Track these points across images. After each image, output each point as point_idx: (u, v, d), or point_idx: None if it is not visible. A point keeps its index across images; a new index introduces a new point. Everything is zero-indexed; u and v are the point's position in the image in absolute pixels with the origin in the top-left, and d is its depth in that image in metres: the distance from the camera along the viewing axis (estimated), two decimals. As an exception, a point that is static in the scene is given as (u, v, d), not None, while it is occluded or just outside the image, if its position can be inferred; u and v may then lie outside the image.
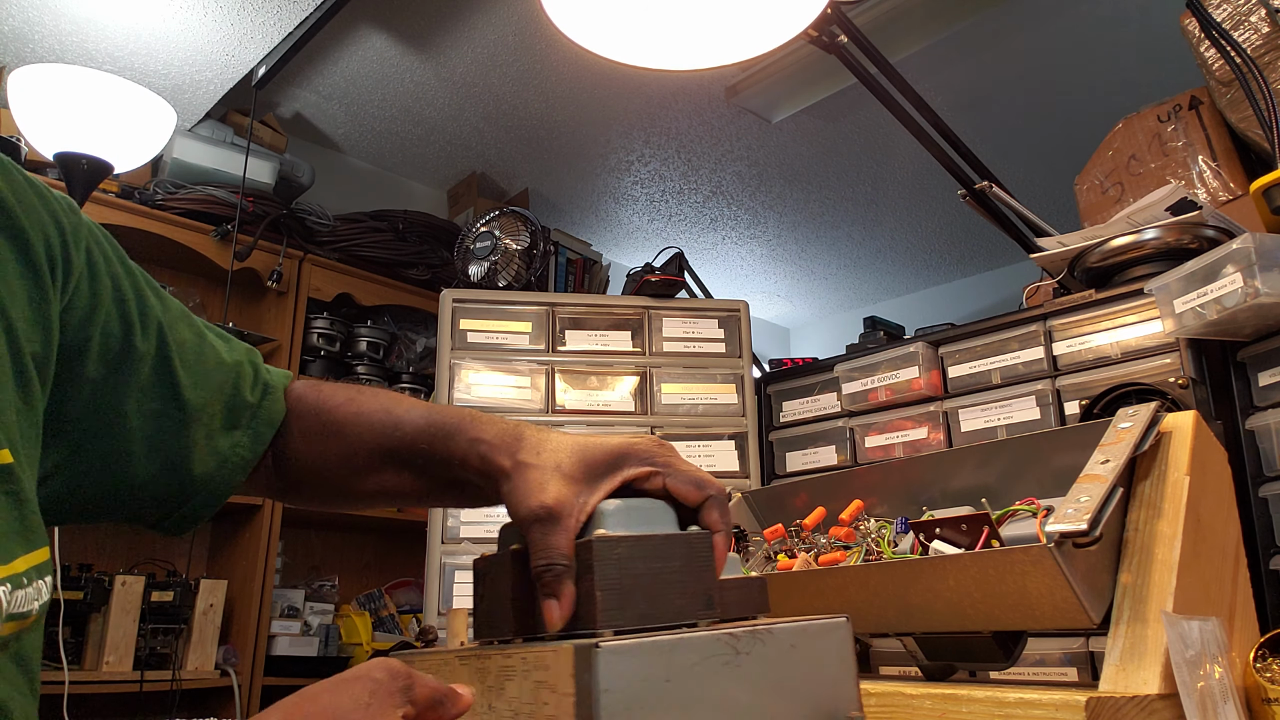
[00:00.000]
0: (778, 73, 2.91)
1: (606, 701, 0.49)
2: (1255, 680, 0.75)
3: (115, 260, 0.71)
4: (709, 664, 0.53)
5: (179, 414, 0.72)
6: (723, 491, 0.65)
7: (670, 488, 0.64)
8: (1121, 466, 0.77)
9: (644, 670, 0.51)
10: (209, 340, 0.77)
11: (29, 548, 0.57)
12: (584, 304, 2.36)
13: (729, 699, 0.53)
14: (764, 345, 4.99)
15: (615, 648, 0.51)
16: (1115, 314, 1.64)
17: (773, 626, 0.56)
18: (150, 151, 2.22)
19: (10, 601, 0.54)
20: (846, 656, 0.58)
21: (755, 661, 0.55)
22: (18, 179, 0.65)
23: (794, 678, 0.56)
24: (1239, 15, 1.66)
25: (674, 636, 0.53)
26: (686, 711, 0.52)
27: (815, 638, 0.57)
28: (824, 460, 2.05)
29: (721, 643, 0.54)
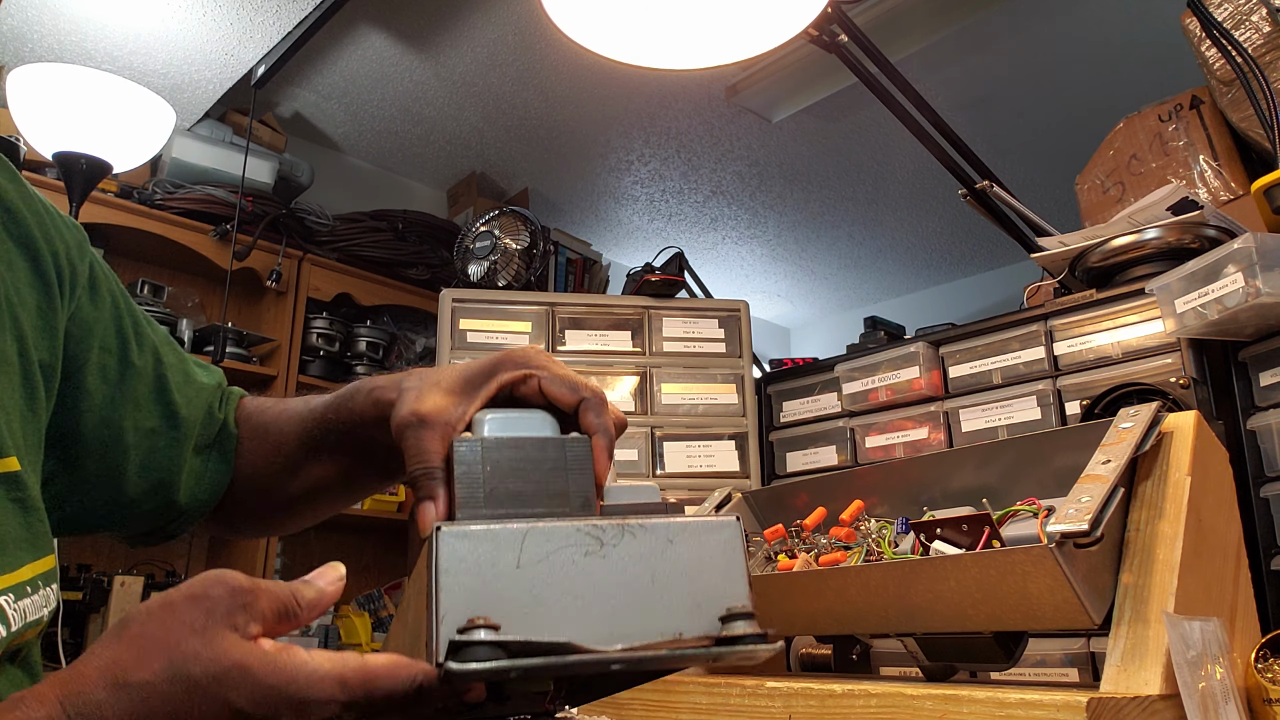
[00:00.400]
0: (778, 72, 2.90)
1: (445, 583, 0.48)
2: (1256, 681, 0.75)
3: (114, 279, 0.73)
4: (567, 554, 0.50)
5: (173, 432, 0.73)
6: (598, 394, 0.63)
7: (545, 389, 0.62)
8: (1122, 467, 0.77)
9: (489, 555, 0.49)
10: (190, 363, 0.78)
11: (36, 555, 0.57)
12: (584, 304, 2.36)
13: (590, 590, 0.50)
14: (764, 345, 4.98)
15: (456, 530, 0.49)
16: (1116, 314, 1.63)
17: (646, 521, 0.53)
18: (149, 151, 2.22)
19: (16, 612, 0.54)
20: (734, 556, 0.54)
21: (623, 555, 0.51)
22: (28, 191, 0.66)
23: (670, 574, 0.52)
24: (1240, 15, 1.66)
25: (527, 524, 0.51)
26: (538, 600, 0.49)
27: (697, 535, 0.53)
28: (824, 460, 2.05)
29: (583, 533, 0.51)
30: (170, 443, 0.72)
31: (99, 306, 0.70)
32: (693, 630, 0.51)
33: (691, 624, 0.51)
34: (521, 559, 0.50)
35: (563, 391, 0.62)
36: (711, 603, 0.52)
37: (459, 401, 0.62)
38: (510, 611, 0.48)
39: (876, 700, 0.76)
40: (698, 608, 0.51)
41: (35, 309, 0.63)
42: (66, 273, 0.67)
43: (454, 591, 0.48)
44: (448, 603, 0.48)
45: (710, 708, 0.90)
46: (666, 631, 0.50)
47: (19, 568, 0.55)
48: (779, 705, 0.83)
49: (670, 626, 0.51)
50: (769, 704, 0.84)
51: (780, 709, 0.83)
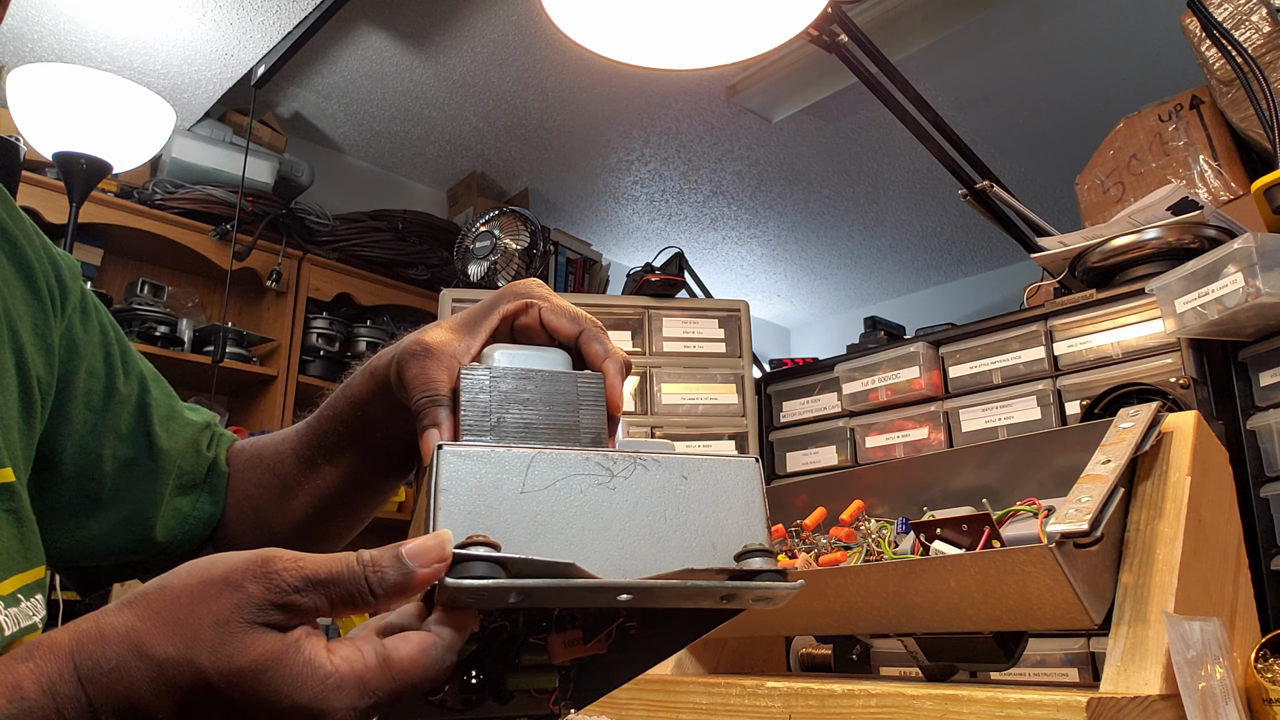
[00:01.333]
0: (778, 72, 2.90)
1: (444, 502, 0.46)
2: (1256, 680, 0.75)
3: (104, 310, 0.72)
4: (575, 482, 0.48)
5: (151, 463, 0.71)
6: (598, 325, 0.61)
7: (545, 320, 0.61)
8: (1122, 467, 0.77)
9: (492, 477, 0.47)
10: (177, 400, 0.77)
11: (27, 565, 0.57)
12: (584, 304, 2.36)
13: (598, 521, 0.48)
14: (764, 345, 4.98)
15: (458, 450, 0.48)
16: (1116, 314, 1.63)
17: (661, 455, 0.50)
18: (149, 151, 2.22)
19: (9, 618, 0.53)
20: (753, 495, 0.51)
21: (635, 488, 0.49)
22: (19, 214, 0.66)
23: (684, 510, 0.49)
24: (1240, 15, 1.66)
25: (533, 450, 0.49)
26: (543, 527, 0.47)
27: (714, 472, 0.51)
28: (824, 460, 2.05)
29: (593, 462, 0.49)
30: (148, 475, 0.70)
31: (89, 331, 0.69)
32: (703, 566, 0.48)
33: (705, 561, 0.49)
34: (527, 484, 0.48)
35: (562, 322, 0.60)
36: (728, 542, 0.49)
37: (463, 335, 0.60)
38: (512, 537, 0.46)
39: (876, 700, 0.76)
40: (712, 547, 0.49)
41: (32, 326, 0.63)
42: (58, 292, 0.66)
43: (453, 511, 0.46)
44: (446, 521, 0.46)
45: (710, 707, 0.90)
46: (678, 567, 0.47)
47: (8, 577, 0.55)
48: (779, 705, 0.83)
49: (682, 563, 0.48)
50: (769, 704, 0.84)
51: (780, 709, 0.83)
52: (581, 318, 0.61)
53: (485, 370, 0.55)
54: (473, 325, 0.61)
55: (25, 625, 0.55)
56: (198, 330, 2.78)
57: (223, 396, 2.94)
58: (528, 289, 0.62)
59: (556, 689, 0.55)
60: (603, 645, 0.54)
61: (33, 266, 0.65)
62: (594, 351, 0.59)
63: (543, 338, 0.61)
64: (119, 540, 0.70)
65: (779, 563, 0.48)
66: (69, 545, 0.69)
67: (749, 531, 0.50)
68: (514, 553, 0.45)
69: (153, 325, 2.66)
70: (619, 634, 0.55)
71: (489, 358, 0.58)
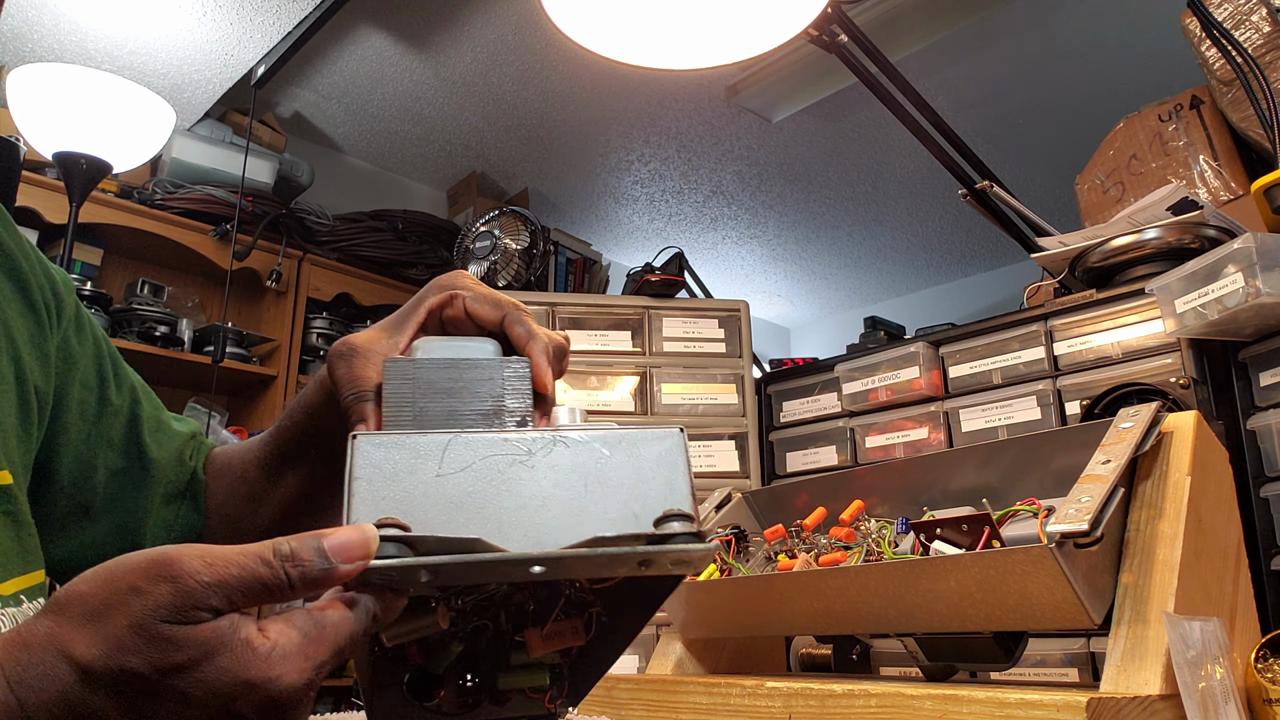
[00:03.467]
0: (778, 72, 2.90)
1: (358, 489, 0.46)
2: (1256, 681, 0.75)
3: (96, 324, 0.73)
4: (493, 463, 0.48)
5: (142, 474, 0.72)
6: (520, 308, 0.60)
7: (469, 309, 0.61)
8: (1122, 467, 0.77)
9: (407, 463, 0.47)
10: (164, 411, 0.78)
11: (26, 568, 0.57)
12: (584, 304, 2.36)
13: (515, 499, 0.48)
14: (764, 345, 4.98)
15: (372, 438, 0.48)
16: (1116, 314, 1.63)
17: (581, 432, 0.50)
18: (149, 151, 2.22)
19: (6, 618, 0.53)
20: (677, 465, 0.50)
21: (554, 464, 0.49)
22: (15, 229, 0.67)
23: (605, 483, 0.49)
24: (1240, 15, 1.66)
25: (450, 434, 0.49)
26: (458, 508, 0.47)
27: (637, 445, 0.50)
28: (824, 460, 2.05)
29: (511, 443, 0.49)
30: (138, 485, 0.71)
31: (82, 343, 0.70)
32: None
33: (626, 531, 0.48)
34: (443, 467, 0.48)
35: (485, 309, 0.61)
36: (651, 511, 0.48)
37: (391, 333, 0.61)
38: (427, 520, 0.46)
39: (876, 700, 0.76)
40: (634, 517, 0.48)
41: (28, 337, 0.64)
42: (54, 305, 0.67)
43: (366, 498, 0.46)
44: (359, 509, 0.46)
45: (710, 707, 0.90)
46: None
47: (8, 579, 0.55)
48: (779, 705, 0.83)
49: (601, 533, 0.47)
50: (769, 704, 0.84)
51: (780, 709, 0.83)
52: (504, 303, 0.61)
53: (408, 362, 0.55)
54: (400, 322, 0.61)
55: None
56: (198, 330, 2.78)
57: (223, 396, 2.95)
58: (452, 281, 0.63)
59: (551, 687, 0.55)
60: (581, 636, 0.54)
61: (28, 280, 0.65)
62: (517, 334, 0.59)
63: (471, 328, 0.61)
64: (111, 550, 0.71)
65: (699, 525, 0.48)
66: (63, 555, 0.70)
67: (672, 499, 0.49)
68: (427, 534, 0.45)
69: (153, 325, 2.66)
70: (595, 624, 0.54)
71: (417, 350, 0.58)
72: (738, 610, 1.04)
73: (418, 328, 0.61)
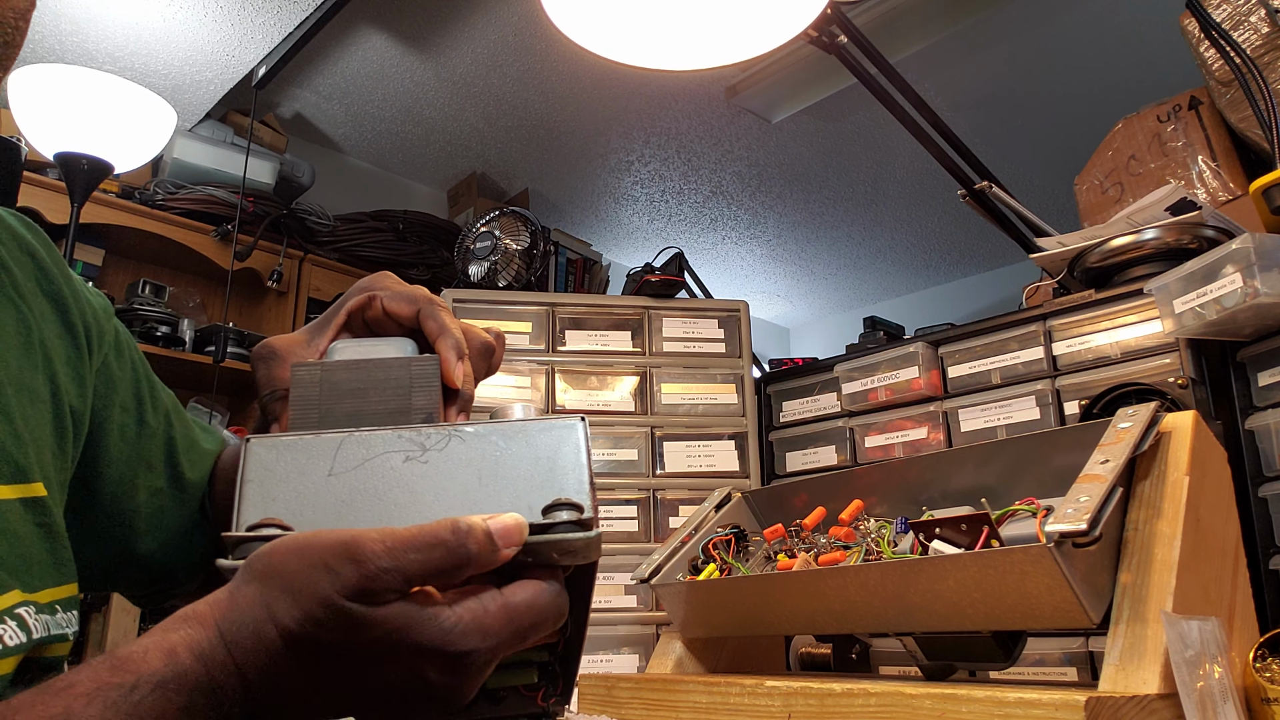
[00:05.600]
0: (778, 73, 2.91)
1: (248, 492, 0.46)
2: (1255, 680, 0.75)
3: (134, 345, 0.75)
4: (385, 460, 0.48)
5: (179, 493, 0.74)
6: (433, 301, 0.60)
7: (387, 307, 0.61)
8: (1121, 466, 0.77)
9: (298, 464, 0.47)
10: (194, 429, 0.79)
11: (61, 580, 0.58)
12: (584, 304, 2.36)
13: (407, 495, 0.48)
14: (764, 345, 4.99)
15: (264, 440, 0.48)
16: (1115, 314, 1.64)
17: (477, 426, 0.50)
18: (150, 151, 2.22)
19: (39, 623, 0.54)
20: (575, 455, 0.50)
21: (448, 459, 0.49)
22: (58, 255, 0.69)
23: (501, 476, 0.49)
24: (1239, 15, 1.66)
25: (343, 433, 0.49)
26: (349, 507, 0.47)
27: (535, 435, 0.50)
28: (824, 460, 2.05)
29: (404, 439, 0.49)
30: (176, 504, 0.73)
31: (121, 367, 0.72)
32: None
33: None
34: (334, 467, 0.48)
35: (400, 306, 0.61)
36: (545, 503, 0.48)
37: (312, 336, 0.62)
38: (316, 520, 0.46)
39: (876, 699, 0.76)
40: (529, 509, 0.48)
41: (65, 358, 0.65)
42: (94, 330, 0.69)
43: (255, 500, 0.46)
44: (248, 511, 0.46)
45: (710, 706, 0.90)
46: None
47: (41, 589, 0.56)
48: (779, 704, 0.83)
49: None
50: (769, 703, 0.84)
51: (780, 708, 0.83)
52: (418, 298, 0.61)
53: (316, 365, 0.55)
54: (322, 325, 0.63)
55: (56, 634, 0.56)
56: (199, 330, 2.78)
57: (224, 396, 2.95)
58: (372, 282, 0.63)
59: (543, 685, 0.55)
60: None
61: (68, 304, 0.67)
62: (429, 329, 0.59)
63: (393, 327, 0.62)
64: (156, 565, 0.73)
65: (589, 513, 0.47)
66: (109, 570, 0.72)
67: (568, 490, 0.49)
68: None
69: (154, 325, 2.67)
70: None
71: (331, 353, 0.58)
72: (737, 610, 1.05)
73: (337, 330, 0.62)
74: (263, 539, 0.44)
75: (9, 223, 0.67)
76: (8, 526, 0.55)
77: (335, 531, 0.43)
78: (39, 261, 0.67)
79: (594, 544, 0.47)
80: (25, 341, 0.61)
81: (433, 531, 0.43)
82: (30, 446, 0.58)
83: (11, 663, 0.52)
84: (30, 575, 0.55)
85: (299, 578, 0.42)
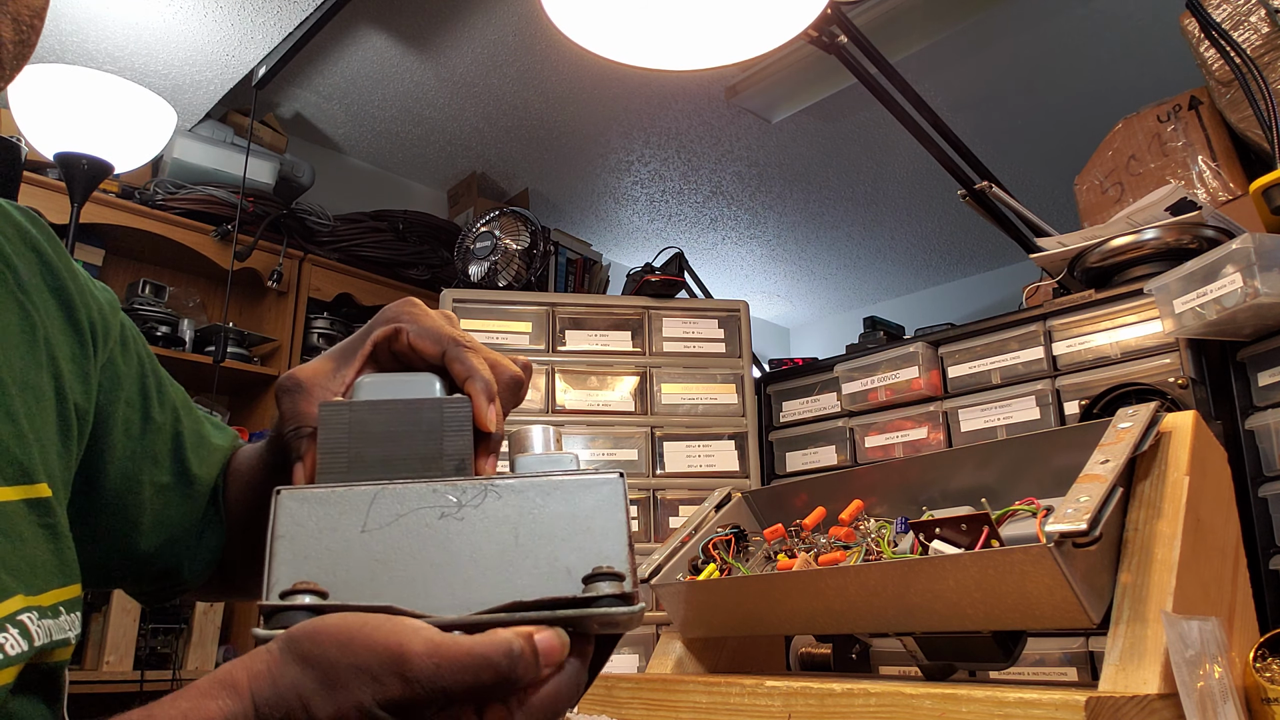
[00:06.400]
0: (778, 73, 2.91)
1: (279, 549, 0.45)
2: (1255, 680, 0.75)
3: (142, 339, 0.74)
4: (420, 516, 0.47)
5: (186, 489, 0.73)
6: (459, 342, 0.58)
7: (412, 343, 0.60)
8: (1121, 466, 0.77)
9: (330, 519, 0.46)
10: (205, 425, 0.78)
11: (65, 581, 0.58)
12: (584, 304, 2.37)
13: (443, 554, 0.47)
14: (764, 345, 4.99)
15: (295, 493, 0.47)
16: (1115, 314, 1.64)
17: (514, 480, 0.49)
18: (150, 151, 2.22)
19: (41, 629, 0.54)
20: (614, 514, 0.48)
21: (484, 517, 0.48)
22: (63, 250, 0.68)
23: (537, 535, 0.48)
24: (1239, 15, 1.66)
25: (376, 485, 0.48)
26: (383, 566, 0.46)
27: (572, 493, 0.49)
28: (824, 460, 2.05)
29: (439, 494, 0.48)
30: (182, 500, 0.73)
31: (128, 362, 0.71)
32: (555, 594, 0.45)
33: (557, 588, 0.46)
34: (368, 523, 0.47)
35: (426, 344, 0.59)
36: (584, 565, 0.47)
37: (337, 366, 0.60)
38: (350, 579, 0.45)
39: (876, 699, 0.76)
40: (566, 571, 0.47)
41: (70, 355, 0.65)
42: (100, 326, 0.68)
43: (286, 558, 0.45)
44: (279, 570, 0.45)
45: (710, 706, 0.90)
46: (527, 596, 0.45)
47: (45, 591, 0.56)
48: (779, 704, 0.83)
49: (531, 591, 0.46)
50: (769, 703, 0.84)
51: (780, 708, 0.83)
52: (444, 337, 0.59)
53: (344, 405, 0.54)
54: (348, 355, 0.61)
55: (59, 638, 0.56)
56: (199, 330, 2.78)
57: (224, 396, 2.95)
58: (398, 313, 0.62)
59: None
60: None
61: (73, 299, 0.66)
62: (456, 371, 0.57)
63: (419, 360, 0.60)
64: (159, 564, 0.73)
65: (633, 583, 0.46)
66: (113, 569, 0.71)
67: (607, 553, 0.48)
68: (348, 596, 0.44)
69: (154, 325, 2.67)
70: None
71: (358, 389, 0.56)
72: (737, 609, 1.05)
73: (363, 361, 0.61)
74: (301, 608, 0.43)
75: (13, 216, 0.67)
76: (11, 528, 0.54)
77: (384, 629, 0.42)
78: (43, 256, 0.66)
79: (637, 618, 0.45)
80: (30, 339, 0.61)
81: (484, 655, 0.42)
82: (35, 446, 0.58)
83: (12, 672, 0.52)
84: (34, 577, 0.55)
85: (340, 675, 0.42)
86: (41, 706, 0.56)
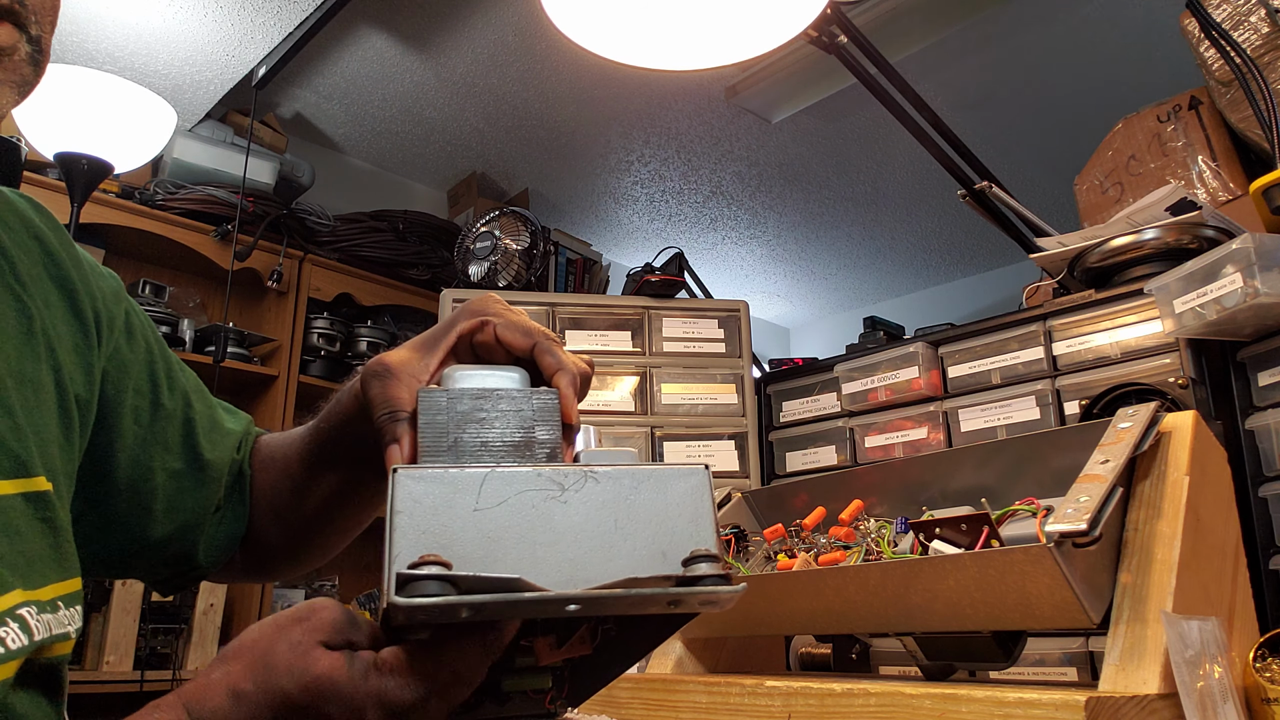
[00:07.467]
0: (778, 73, 2.91)
1: (399, 523, 0.48)
2: (1255, 680, 0.75)
3: (150, 326, 0.75)
4: (527, 498, 0.50)
5: (198, 474, 0.74)
6: (549, 337, 0.62)
7: (500, 336, 0.62)
8: (1121, 466, 0.77)
9: (445, 497, 0.49)
10: (217, 410, 0.79)
11: (62, 575, 0.58)
12: (584, 304, 2.37)
13: (550, 535, 0.50)
14: (764, 345, 4.99)
15: (413, 472, 0.49)
16: (1115, 314, 1.64)
17: (612, 468, 0.52)
18: (150, 151, 2.22)
19: (40, 624, 0.54)
20: (702, 502, 0.52)
21: (586, 501, 0.51)
22: (67, 239, 0.69)
23: (634, 520, 0.51)
24: (1239, 15, 1.66)
25: (487, 469, 0.51)
26: (495, 543, 0.49)
27: (664, 481, 0.52)
28: (824, 460, 2.05)
29: (545, 478, 0.51)
30: (195, 485, 0.73)
31: (134, 350, 0.71)
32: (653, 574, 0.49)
33: (654, 569, 0.50)
34: (479, 502, 0.49)
35: (515, 336, 0.62)
36: (677, 549, 0.51)
37: (423, 355, 0.62)
38: (466, 554, 0.48)
39: (876, 699, 0.76)
40: (662, 555, 0.50)
41: (72, 346, 0.65)
42: (104, 316, 0.68)
43: (407, 532, 0.48)
44: (401, 543, 0.47)
45: (710, 706, 0.90)
46: (627, 576, 0.49)
47: (44, 585, 0.56)
48: (779, 704, 0.83)
49: (632, 572, 0.49)
50: (769, 703, 0.84)
51: (780, 708, 0.83)
52: (534, 331, 0.62)
53: (443, 392, 0.57)
54: (432, 344, 0.63)
55: (58, 633, 0.56)
56: (199, 330, 2.78)
57: (224, 396, 2.92)
58: (484, 306, 0.64)
59: (551, 689, 0.55)
60: (588, 645, 0.56)
61: (76, 289, 0.66)
62: (547, 364, 0.60)
63: (501, 354, 0.63)
64: (173, 550, 0.73)
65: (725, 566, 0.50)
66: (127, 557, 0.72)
67: (698, 537, 0.51)
68: (467, 570, 0.47)
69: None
70: (601, 635, 0.56)
71: (448, 379, 0.59)
72: (737, 609, 1.05)
73: (448, 351, 0.63)
74: (433, 578, 0.46)
75: (17, 206, 0.67)
76: (9, 522, 0.54)
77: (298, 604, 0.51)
78: (47, 246, 0.66)
79: (737, 596, 0.49)
80: (26, 331, 0.61)
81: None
82: (32, 439, 0.58)
83: (13, 666, 0.52)
84: (32, 571, 0.55)
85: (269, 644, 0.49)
86: (43, 702, 0.56)
